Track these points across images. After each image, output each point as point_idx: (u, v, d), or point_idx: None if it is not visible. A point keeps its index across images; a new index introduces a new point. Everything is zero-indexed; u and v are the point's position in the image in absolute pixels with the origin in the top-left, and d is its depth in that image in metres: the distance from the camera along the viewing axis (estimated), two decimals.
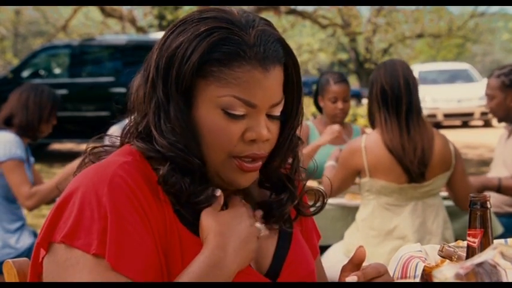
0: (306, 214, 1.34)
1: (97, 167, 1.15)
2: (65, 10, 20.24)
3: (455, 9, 32.95)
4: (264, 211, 1.25)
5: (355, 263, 1.19)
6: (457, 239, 1.51)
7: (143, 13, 18.94)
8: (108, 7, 17.30)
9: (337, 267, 1.28)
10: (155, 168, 1.17)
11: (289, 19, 20.19)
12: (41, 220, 5.50)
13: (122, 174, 1.12)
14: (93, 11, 20.56)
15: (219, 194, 1.19)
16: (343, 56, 31.15)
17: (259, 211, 1.24)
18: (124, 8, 17.99)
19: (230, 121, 1.15)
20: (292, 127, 1.25)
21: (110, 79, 10.45)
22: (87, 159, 1.25)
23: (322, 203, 1.33)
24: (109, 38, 12.62)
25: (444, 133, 3.05)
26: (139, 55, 6.49)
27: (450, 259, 1.38)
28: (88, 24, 22.35)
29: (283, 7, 16.57)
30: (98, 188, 1.10)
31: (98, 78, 10.82)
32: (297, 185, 1.30)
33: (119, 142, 1.26)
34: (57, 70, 12.20)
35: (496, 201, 3.53)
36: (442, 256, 1.40)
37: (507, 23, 34.38)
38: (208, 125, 1.16)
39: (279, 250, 1.26)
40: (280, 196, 1.27)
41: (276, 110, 1.20)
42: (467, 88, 17.10)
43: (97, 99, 10.44)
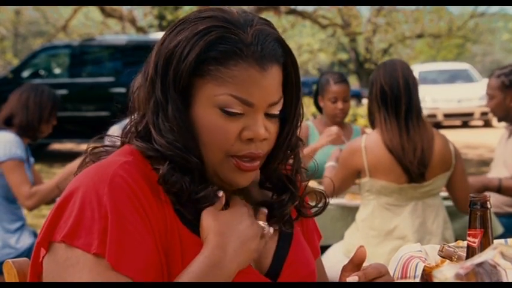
0: (307, 215, 1.34)
1: (97, 167, 1.15)
2: (65, 10, 20.23)
3: (455, 9, 32.98)
4: None
5: (355, 263, 1.19)
6: (457, 239, 1.51)
7: (143, 13, 18.94)
8: (108, 7, 17.28)
9: (337, 267, 1.28)
10: (155, 168, 1.17)
11: (289, 19, 20.17)
12: (41, 220, 5.50)
13: (123, 174, 1.12)
14: (93, 11, 20.55)
15: (221, 195, 1.19)
16: (343, 56, 31.16)
17: (264, 209, 1.24)
18: (124, 8, 17.98)
19: (227, 120, 1.15)
20: (291, 127, 1.24)
21: (110, 79, 10.45)
22: (87, 159, 1.25)
23: (324, 205, 1.33)
24: (109, 38, 12.61)
25: (444, 133, 3.05)
26: (139, 55, 6.51)
27: (450, 259, 1.38)
28: (88, 24, 22.35)
29: (283, 7, 16.55)
30: (99, 188, 1.10)
31: (98, 78, 10.81)
32: (298, 186, 1.30)
33: (119, 142, 1.27)
34: (57, 70, 12.20)
35: (496, 201, 3.54)
36: (442, 256, 1.40)
37: (507, 23, 34.41)
38: (205, 124, 1.16)
39: (280, 250, 1.25)
40: (281, 197, 1.27)
41: (275, 109, 1.19)
42: (467, 88, 17.09)
43: (97, 99, 10.43)
